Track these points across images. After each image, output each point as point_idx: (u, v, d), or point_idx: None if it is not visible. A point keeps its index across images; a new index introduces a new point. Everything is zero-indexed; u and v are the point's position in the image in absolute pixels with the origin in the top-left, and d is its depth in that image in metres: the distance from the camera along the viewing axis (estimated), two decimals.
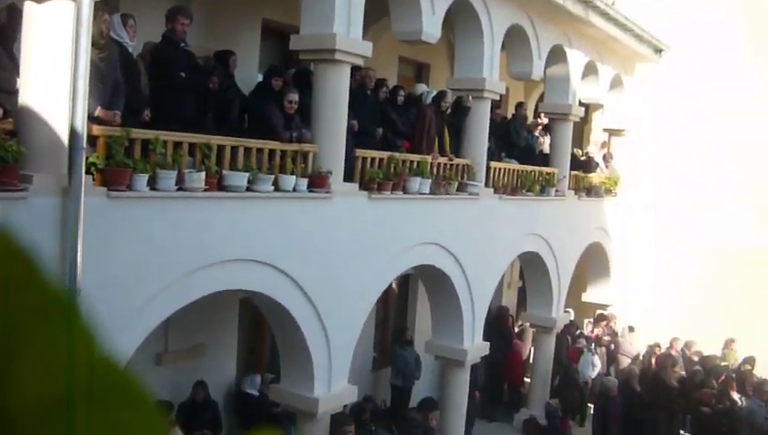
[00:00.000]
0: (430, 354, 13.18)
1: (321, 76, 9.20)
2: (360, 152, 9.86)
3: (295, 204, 8.63)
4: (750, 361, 15.50)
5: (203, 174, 7.33)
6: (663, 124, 18.35)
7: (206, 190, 7.39)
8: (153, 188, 6.96)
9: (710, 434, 12.73)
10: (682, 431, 14.96)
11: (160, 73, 8.05)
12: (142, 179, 6.77)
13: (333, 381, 9.55)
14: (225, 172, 7.71)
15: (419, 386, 14.19)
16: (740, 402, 13.75)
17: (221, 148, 7.78)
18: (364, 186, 9.81)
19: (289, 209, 8.55)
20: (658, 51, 17.75)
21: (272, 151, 8.41)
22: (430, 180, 10.91)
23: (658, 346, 16.51)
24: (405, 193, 10.50)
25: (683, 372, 15.35)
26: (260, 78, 10.09)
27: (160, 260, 7.04)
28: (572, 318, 17.10)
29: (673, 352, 15.91)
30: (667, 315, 17.37)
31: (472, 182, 11.92)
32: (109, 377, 0.48)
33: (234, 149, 7.95)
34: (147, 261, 6.89)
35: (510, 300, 19.04)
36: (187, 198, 7.27)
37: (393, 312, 15.66)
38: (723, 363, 15.74)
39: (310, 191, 8.78)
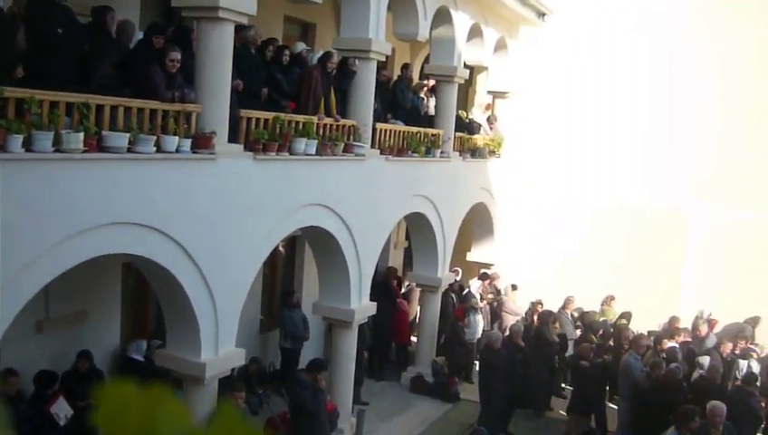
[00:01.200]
0: (318, 316, 13.21)
1: (203, 34, 8.98)
2: (244, 113, 9.70)
3: (178, 165, 8.44)
4: (626, 316, 16.11)
5: (81, 135, 7.06)
6: (546, 87, 18.73)
7: (84, 151, 7.13)
8: (28, 150, 6.68)
9: (589, 387, 13.17)
10: (563, 385, 15.54)
11: (37, 30, 7.69)
12: (17, 140, 6.48)
13: (221, 345, 9.47)
14: (104, 133, 7.45)
15: (308, 347, 14.22)
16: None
17: (100, 108, 7.51)
18: (249, 147, 9.67)
19: (172, 171, 8.35)
20: (541, 15, 18.08)
21: (153, 111, 8.18)
22: (316, 141, 10.84)
23: (540, 303, 16.96)
24: (291, 154, 10.41)
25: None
26: (140, 36, 9.77)
27: (36, 225, 6.78)
28: (458, 278, 17.40)
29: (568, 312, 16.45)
30: (549, 274, 17.87)
31: (358, 143, 11.92)
32: None
33: (113, 108, 7.68)
34: (22, 226, 6.62)
35: (396, 260, 19.24)
36: (64, 160, 7.00)
37: (280, 274, 15.61)
38: (601, 319, 16.32)
39: (193, 152, 8.59)
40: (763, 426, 12.19)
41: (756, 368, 14.08)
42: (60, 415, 9.63)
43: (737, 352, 14.32)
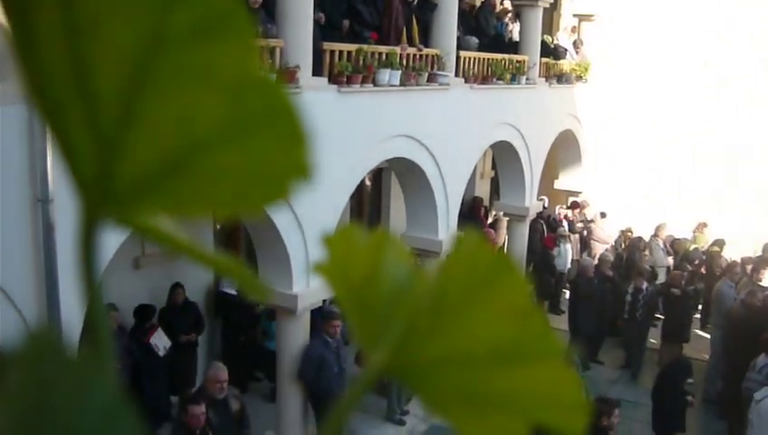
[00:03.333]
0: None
1: None
2: (327, 45, 9.67)
3: None
4: (719, 243, 15.73)
5: None
6: (634, 8, 18.10)
7: None
8: None
9: (680, 315, 12.98)
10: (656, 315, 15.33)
11: None
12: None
13: (312, 277, 9.61)
14: None
15: None
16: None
17: None
18: (333, 79, 9.66)
19: None
20: None
21: None
22: (400, 72, 10.76)
23: (630, 231, 16.70)
24: (375, 85, 10.37)
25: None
26: None
27: None
28: (546, 206, 17.22)
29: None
30: (639, 201, 17.50)
31: (442, 72, 11.78)
32: None
33: None
34: None
35: (483, 190, 19.13)
36: None
37: (367, 206, 15.69)
38: (693, 247, 15.97)
39: None
40: None
41: None
42: (159, 346, 9.99)
43: None
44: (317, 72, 9.40)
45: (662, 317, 13.81)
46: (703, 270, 14.78)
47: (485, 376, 0.49)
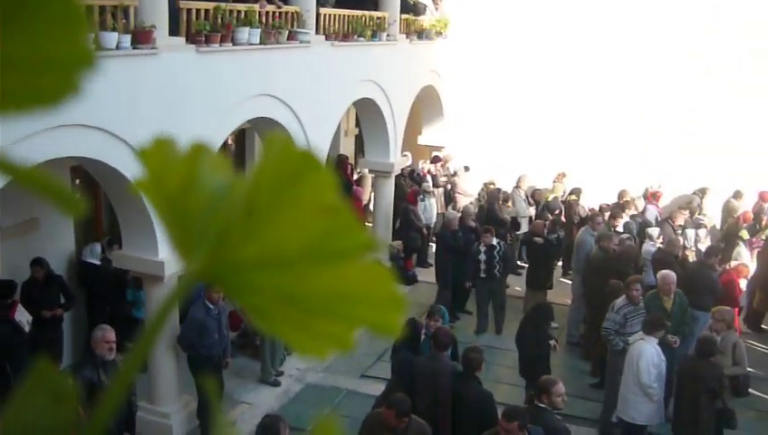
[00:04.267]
0: None
1: None
2: (183, 4, 9.40)
3: (119, 62, 8.18)
4: (576, 192, 16.33)
5: None
6: None
7: None
8: None
9: (543, 262, 13.42)
10: (519, 262, 15.83)
11: None
12: None
13: None
14: None
15: None
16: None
17: None
18: (191, 39, 9.42)
19: (113, 69, 8.09)
20: None
21: (89, 7, 7.87)
22: (259, 30, 10.58)
23: (492, 183, 17.09)
24: (234, 45, 10.17)
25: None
26: None
27: None
28: (410, 162, 17.41)
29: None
30: (501, 153, 17.86)
31: (302, 30, 11.66)
32: None
33: None
34: None
35: (348, 148, 19.16)
36: None
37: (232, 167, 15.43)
38: (552, 196, 16.51)
39: (134, 48, 8.34)
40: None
41: (705, 238, 14.48)
42: (23, 321, 9.62)
43: (682, 223, 14.57)
44: (174, 31, 9.14)
45: (525, 266, 14.29)
46: (563, 218, 15.34)
47: (300, 276, 0.49)
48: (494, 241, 13.11)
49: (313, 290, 0.49)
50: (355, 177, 17.90)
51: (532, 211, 16.54)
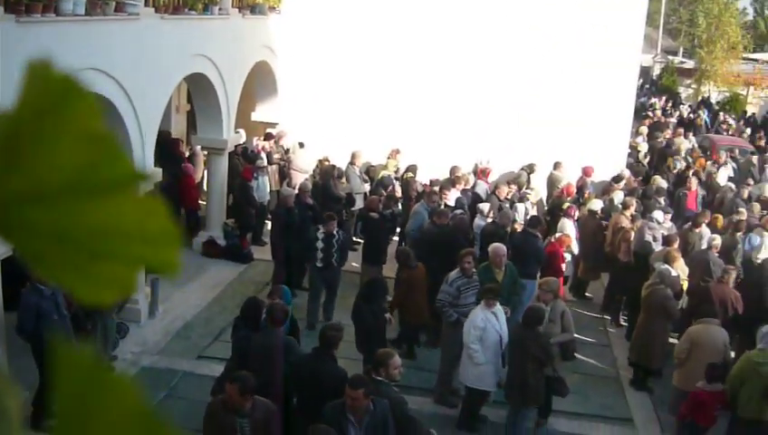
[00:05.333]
0: None
1: None
2: None
3: None
4: (412, 169, 16.62)
5: None
6: None
7: None
8: None
9: (378, 237, 13.58)
10: (355, 238, 15.97)
11: None
12: None
13: None
14: None
15: None
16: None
17: None
18: (10, 8, 8.86)
19: None
20: None
21: None
22: (85, 0, 10.10)
23: (327, 160, 17.13)
24: (57, 15, 9.66)
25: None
26: None
27: None
28: (244, 139, 17.17)
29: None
30: (335, 130, 17.88)
31: (131, 1, 11.22)
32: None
33: None
34: None
35: (180, 124, 18.70)
36: None
37: None
38: (386, 173, 16.73)
39: None
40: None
41: (532, 211, 15.13)
42: None
43: (506, 195, 15.16)
44: None
45: (361, 241, 14.42)
46: (399, 194, 15.59)
47: (70, 211, 0.45)
48: (335, 230, 12.77)
49: (86, 227, 0.45)
50: (187, 154, 17.50)
51: (366, 187, 16.71)
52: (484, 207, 14.04)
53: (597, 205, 15.18)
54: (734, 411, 9.56)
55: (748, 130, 32.28)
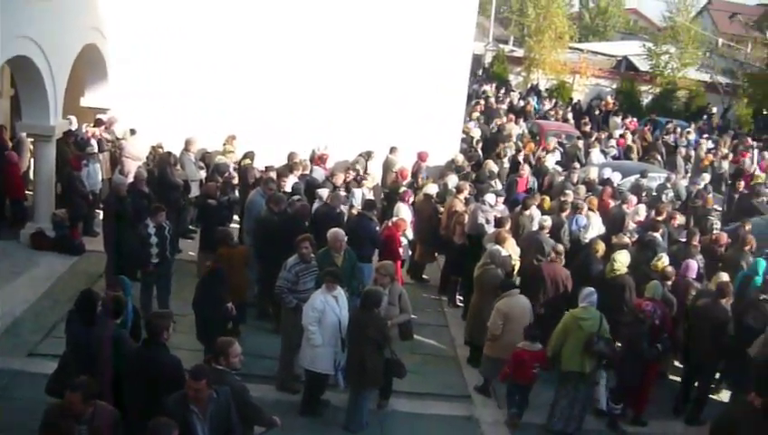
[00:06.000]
0: None
1: None
2: None
3: None
4: (250, 155, 16.45)
5: None
6: None
7: None
8: None
9: (216, 224, 13.35)
10: (191, 227, 15.71)
11: None
12: None
13: None
14: None
15: None
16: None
17: None
18: None
19: None
20: None
21: None
22: None
23: (161, 147, 16.73)
24: None
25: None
26: None
27: None
28: (74, 126, 16.52)
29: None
30: (169, 116, 17.45)
31: None
32: None
33: None
34: None
35: (3, 110, 17.80)
36: None
37: None
38: (223, 160, 16.52)
39: None
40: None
41: (369, 196, 15.33)
42: None
43: (341, 182, 15.30)
44: None
45: (199, 228, 14.19)
46: (236, 181, 15.42)
47: None
48: (164, 221, 12.17)
49: None
50: (12, 142, 16.64)
51: (202, 174, 16.46)
52: (323, 192, 14.08)
53: (432, 189, 15.56)
54: (556, 366, 10.29)
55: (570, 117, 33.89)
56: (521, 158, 20.66)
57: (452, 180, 16.29)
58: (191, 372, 6.85)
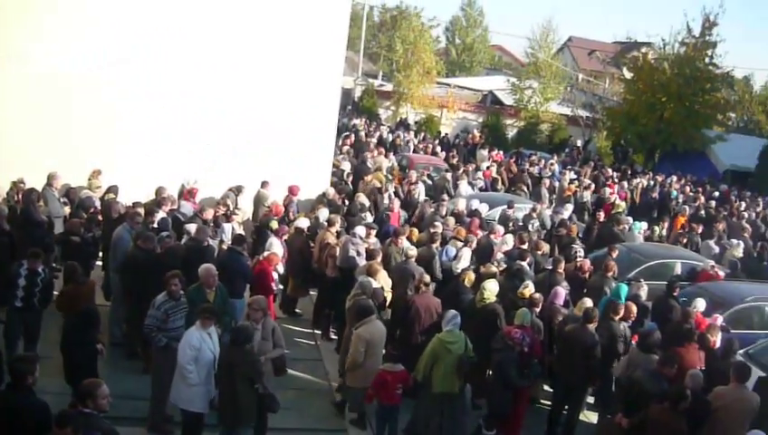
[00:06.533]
0: None
1: None
2: None
3: None
4: (113, 189, 16.03)
5: None
6: None
7: None
8: None
9: (81, 262, 12.92)
10: (54, 265, 15.14)
11: None
12: None
13: None
14: None
15: None
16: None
17: None
18: None
19: None
20: None
21: None
22: None
23: (22, 182, 16.06)
24: None
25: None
26: None
27: None
28: None
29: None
30: (30, 150, 16.68)
31: None
32: None
33: None
34: None
35: None
36: None
37: None
38: (88, 194, 16.05)
39: None
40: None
41: (239, 230, 15.27)
42: None
43: (210, 217, 15.14)
44: None
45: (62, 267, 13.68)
46: (100, 217, 15.01)
47: None
48: (40, 268, 11.49)
49: None
50: None
51: (67, 210, 15.96)
52: (191, 227, 13.89)
53: (303, 223, 15.61)
54: (428, 388, 10.52)
55: (439, 149, 34.59)
56: (392, 192, 20.94)
57: (323, 214, 16.38)
58: (55, 418, 6.62)
